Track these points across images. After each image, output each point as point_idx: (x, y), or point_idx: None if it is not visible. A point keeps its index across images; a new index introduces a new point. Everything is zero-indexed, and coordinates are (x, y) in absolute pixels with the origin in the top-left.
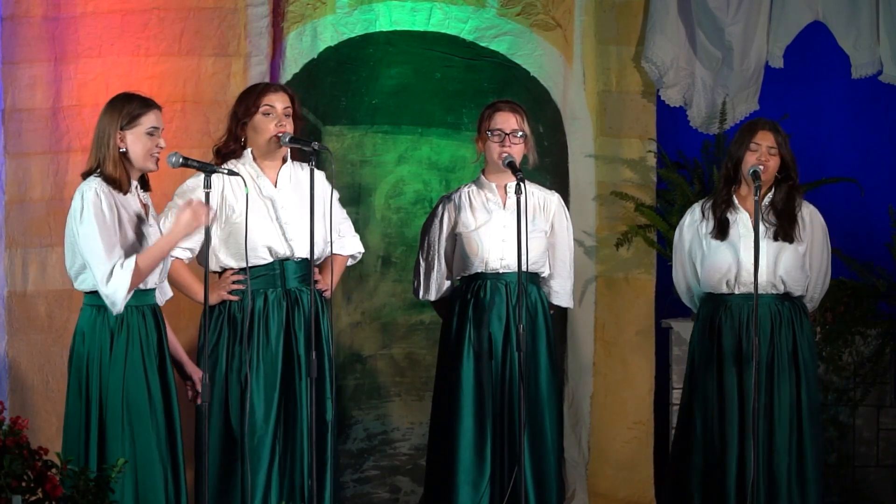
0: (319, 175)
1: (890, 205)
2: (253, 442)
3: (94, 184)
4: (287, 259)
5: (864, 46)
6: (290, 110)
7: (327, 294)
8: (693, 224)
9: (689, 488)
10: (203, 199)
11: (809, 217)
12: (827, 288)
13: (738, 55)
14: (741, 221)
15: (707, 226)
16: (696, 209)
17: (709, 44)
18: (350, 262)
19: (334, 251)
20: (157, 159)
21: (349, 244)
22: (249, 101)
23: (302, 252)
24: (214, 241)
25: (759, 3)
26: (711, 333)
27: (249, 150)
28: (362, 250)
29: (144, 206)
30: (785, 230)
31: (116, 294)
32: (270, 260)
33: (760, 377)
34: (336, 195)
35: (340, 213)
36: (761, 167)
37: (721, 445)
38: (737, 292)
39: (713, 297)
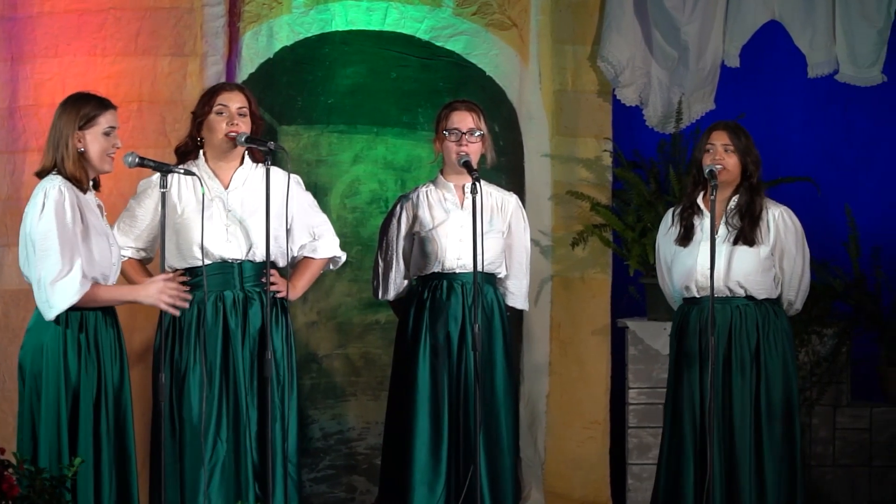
0: (294, 179)
1: (846, 204)
2: (187, 439)
3: (58, 181)
4: (238, 261)
5: (820, 46)
6: (246, 110)
7: (282, 295)
8: (666, 232)
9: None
10: (160, 198)
11: (780, 219)
12: (807, 291)
13: (695, 54)
14: (704, 225)
15: (675, 232)
16: (668, 216)
17: (665, 43)
18: (331, 266)
19: (305, 254)
20: (113, 159)
21: (322, 248)
22: (204, 100)
23: (255, 255)
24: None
25: (715, 3)
26: (680, 337)
27: (202, 150)
28: (340, 254)
29: (98, 206)
30: (745, 233)
31: (60, 299)
32: (208, 262)
33: (717, 378)
34: (310, 199)
35: (317, 217)
36: (718, 166)
37: (680, 446)
38: (698, 296)
39: (685, 300)
